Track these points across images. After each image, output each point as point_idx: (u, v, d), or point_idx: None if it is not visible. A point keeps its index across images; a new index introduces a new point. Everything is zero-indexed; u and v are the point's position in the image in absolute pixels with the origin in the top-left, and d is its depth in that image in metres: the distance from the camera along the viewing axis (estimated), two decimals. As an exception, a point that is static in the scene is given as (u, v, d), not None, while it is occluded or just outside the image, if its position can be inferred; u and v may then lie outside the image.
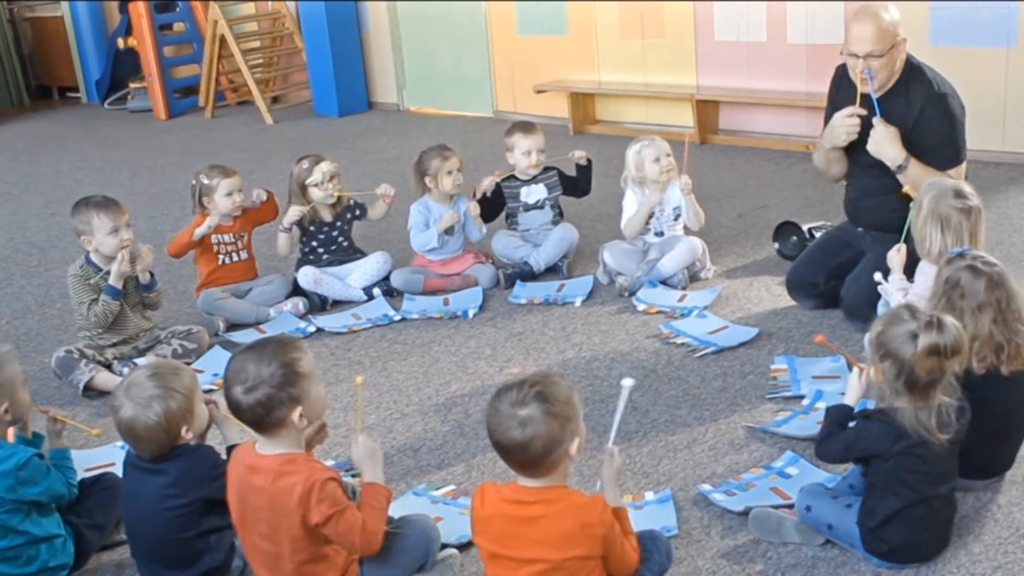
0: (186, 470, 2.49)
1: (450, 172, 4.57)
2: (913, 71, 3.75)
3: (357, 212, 4.67)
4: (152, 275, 3.99)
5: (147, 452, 2.50)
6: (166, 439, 2.48)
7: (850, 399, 2.65)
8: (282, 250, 4.56)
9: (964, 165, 3.80)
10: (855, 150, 3.85)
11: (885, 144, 3.66)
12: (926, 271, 3.15)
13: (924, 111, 3.70)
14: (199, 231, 4.31)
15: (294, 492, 2.26)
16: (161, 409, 2.44)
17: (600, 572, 2.18)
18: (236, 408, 2.31)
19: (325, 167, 4.49)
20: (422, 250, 4.65)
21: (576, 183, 4.79)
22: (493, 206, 4.76)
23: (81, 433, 3.39)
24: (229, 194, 4.35)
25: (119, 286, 3.83)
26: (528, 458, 2.09)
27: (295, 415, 2.30)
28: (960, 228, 3.02)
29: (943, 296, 2.65)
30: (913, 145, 3.69)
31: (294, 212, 4.48)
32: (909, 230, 3.23)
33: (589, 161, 4.75)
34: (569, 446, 2.11)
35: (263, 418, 2.29)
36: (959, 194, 3.07)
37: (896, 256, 3.30)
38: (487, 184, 4.69)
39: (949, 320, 2.41)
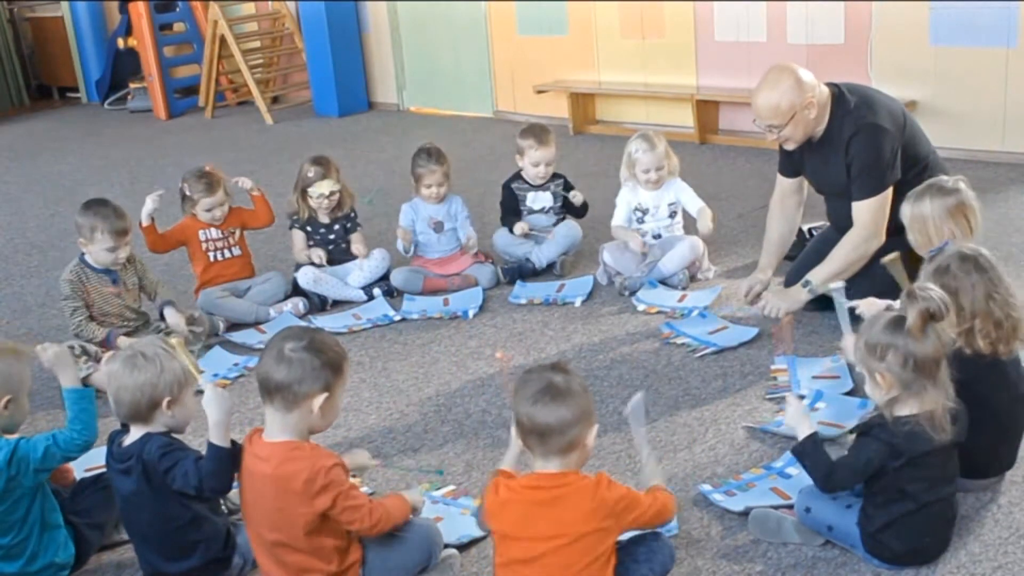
0: (144, 462, 2.47)
1: (429, 186, 4.59)
2: (841, 111, 3.66)
3: (348, 225, 4.68)
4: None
5: (121, 416, 2.52)
6: (143, 406, 2.49)
7: (801, 431, 2.56)
8: (299, 257, 4.63)
9: (887, 193, 3.61)
10: (812, 180, 3.95)
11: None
12: None
13: (850, 143, 3.63)
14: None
15: (299, 478, 2.28)
16: (141, 380, 2.46)
17: (613, 549, 2.23)
18: (273, 363, 2.30)
19: (325, 188, 4.52)
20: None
21: (573, 205, 4.80)
22: (509, 208, 4.80)
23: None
24: (209, 210, 4.39)
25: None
26: (557, 424, 2.14)
27: (317, 401, 2.32)
28: (968, 205, 3.09)
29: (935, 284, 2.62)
30: (846, 176, 3.68)
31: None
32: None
33: (585, 204, 4.77)
34: (590, 430, 2.19)
35: (291, 385, 2.30)
36: (940, 186, 3.14)
37: (869, 307, 2.99)
38: (523, 230, 4.70)
39: (926, 286, 2.42)
